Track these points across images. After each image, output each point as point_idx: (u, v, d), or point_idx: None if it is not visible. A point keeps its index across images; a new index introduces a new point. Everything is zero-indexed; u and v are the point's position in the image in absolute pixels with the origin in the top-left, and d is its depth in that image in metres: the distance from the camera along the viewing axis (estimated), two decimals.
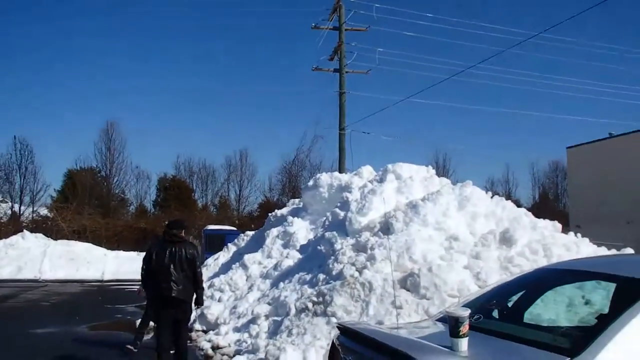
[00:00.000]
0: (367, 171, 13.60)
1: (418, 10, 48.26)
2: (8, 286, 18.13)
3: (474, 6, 61.92)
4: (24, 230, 25.31)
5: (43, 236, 25.06)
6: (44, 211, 36.27)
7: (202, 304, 6.98)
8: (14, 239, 23.81)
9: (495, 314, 3.57)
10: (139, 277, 6.89)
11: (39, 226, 30.09)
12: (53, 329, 9.87)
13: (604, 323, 2.63)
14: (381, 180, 11.27)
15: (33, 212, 37.29)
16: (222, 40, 66.06)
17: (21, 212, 37.26)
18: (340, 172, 18.22)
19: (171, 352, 6.46)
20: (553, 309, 4.59)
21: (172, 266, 6.23)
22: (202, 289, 6.73)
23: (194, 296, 6.52)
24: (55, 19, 58.30)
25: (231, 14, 61.99)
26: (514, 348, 2.73)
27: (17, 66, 57.81)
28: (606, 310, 3.03)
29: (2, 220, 33.73)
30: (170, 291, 6.18)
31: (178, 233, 6.53)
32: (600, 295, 4.86)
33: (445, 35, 58.13)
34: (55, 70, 60.82)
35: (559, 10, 52.11)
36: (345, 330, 3.38)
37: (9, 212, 37.27)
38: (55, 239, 25.76)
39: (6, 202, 38.86)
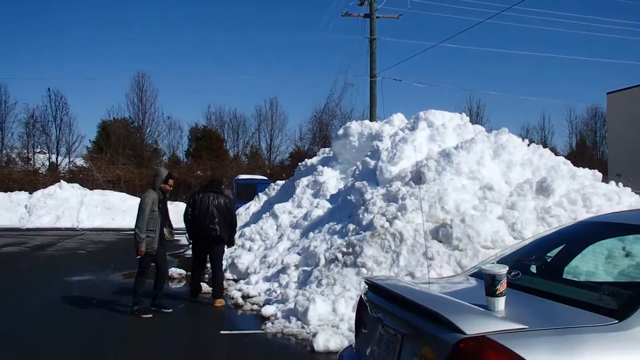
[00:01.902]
0: (398, 119, 13.25)
1: None
2: (47, 234, 18.76)
3: None
4: (61, 181, 25.91)
5: (79, 186, 25.64)
6: (79, 162, 37.06)
7: (233, 244, 8.79)
8: (52, 189, 24.45)
9: (533, 269, 3.37)
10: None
11: (75, 176, 30.77)
12: (89, 277, 10.10)
13: None
14: (413, 128, 10.94)
15: (69, 162, 38.17)
16: None
17: (58, 163, 38.16)
18: (371, 120, 17.87)
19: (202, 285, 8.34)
20: (591, 261, 4.36)
21: (215, 211, 7.75)
22: (235, 231, 8.42)
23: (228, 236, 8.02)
24: None
25: None
26: (555, 308, 2.53)
27: (48, 19, 58.08)
28: None
29: (40, 171, 34.66)
30: (216, 231, 7.73)
31: (219, 186, 8.36)
32: None
33: None
34: (84, 21, 60.93)
35: None
36: (373, 286, 3.23)
37: (47, 163, 38.29)
38: (91, 189, 26.34)
39: (44, 153, 39.87)
